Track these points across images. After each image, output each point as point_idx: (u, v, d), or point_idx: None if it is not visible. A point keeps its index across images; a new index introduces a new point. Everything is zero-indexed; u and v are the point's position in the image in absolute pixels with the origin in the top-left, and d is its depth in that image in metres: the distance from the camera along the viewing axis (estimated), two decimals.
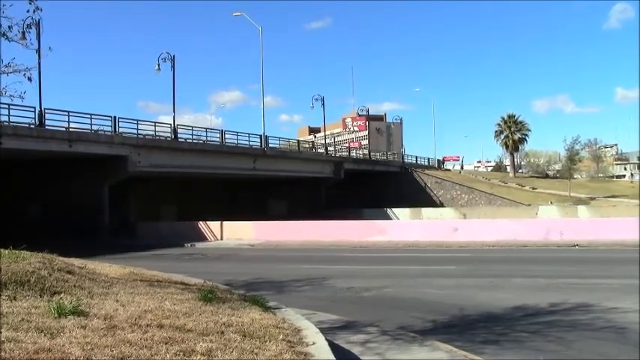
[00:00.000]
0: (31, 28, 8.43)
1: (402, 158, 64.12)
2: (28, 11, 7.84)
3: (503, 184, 58.29)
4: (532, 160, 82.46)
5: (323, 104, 51.60)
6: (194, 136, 38.48)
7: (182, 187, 43.65)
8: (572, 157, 59.86)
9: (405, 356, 6.97)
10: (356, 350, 7.16)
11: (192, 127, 40.52)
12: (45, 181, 31.96)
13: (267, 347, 5.23)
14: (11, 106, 25.91)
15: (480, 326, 9.02)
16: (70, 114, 29.97)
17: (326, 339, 6.13)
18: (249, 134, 42.11)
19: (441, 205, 52.32)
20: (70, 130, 29.49)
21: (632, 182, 68.13)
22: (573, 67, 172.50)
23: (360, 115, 71.66)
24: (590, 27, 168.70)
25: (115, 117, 31.73)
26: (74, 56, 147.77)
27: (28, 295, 6.55)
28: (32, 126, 27.66)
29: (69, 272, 8.23)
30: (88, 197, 30.97)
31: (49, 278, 7.38)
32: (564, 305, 10.38)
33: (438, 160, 75.15)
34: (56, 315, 5.68)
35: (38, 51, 10.14)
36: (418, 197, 53.54)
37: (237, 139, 40.64)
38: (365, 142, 66.97)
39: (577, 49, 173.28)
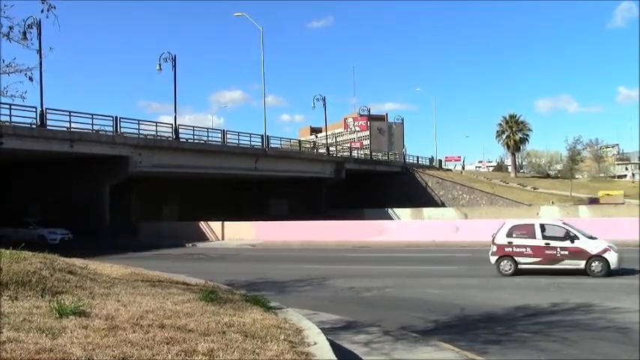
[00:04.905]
0: (32, 28, 8.41)
1: (404, 158, 64.03)
2: (42, 11, 7.73)
3: (504, 184, 58.21)
4: (533, 160, 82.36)
5: (324, 104, 51.57)
6: (195, 136, 38.44)
7: (183, 187, 43.63)
8: (574, 157, 59.76)
9: (411, 356, 6.95)
10: (360, 351, 7.15)
11: (193, 127, 40.55)
12: (46, 181, 31.93)
13: (268, 347, 5.23)
14: (12, 106, 25.98)
15: (482, 326, 9.02)
16: (72, 114, 29.95)
17: (327, 339, 6.13)
18: (250, 134, 42.04)
19: (443, 205, 52.27)
20: (72, 130, 29.43)
21: (633, 182, 68.02)
22: (577, 66, 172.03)
23: (361, 115, 71.46)
24: (594, 26, 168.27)
25: (116, 117, 31.70)
26: (75, 56, 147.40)
27: (30, 296, 6.54)
28: (33, 126, 27.61)
29: (70, 272, 8.23)
30: (89, 197, 30.95)
31: (51, 278, 7.37)
32: (565, 305, 10.38)
33: (440, 160, 75.01)
34: (57, 315, 5.67)
35: (39, 51, 10.15)
36: (419, 197, 53.51)
37: (238, 139, 40.54)
38: (366, 142, 66.61)
39: (580, 48, 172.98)
